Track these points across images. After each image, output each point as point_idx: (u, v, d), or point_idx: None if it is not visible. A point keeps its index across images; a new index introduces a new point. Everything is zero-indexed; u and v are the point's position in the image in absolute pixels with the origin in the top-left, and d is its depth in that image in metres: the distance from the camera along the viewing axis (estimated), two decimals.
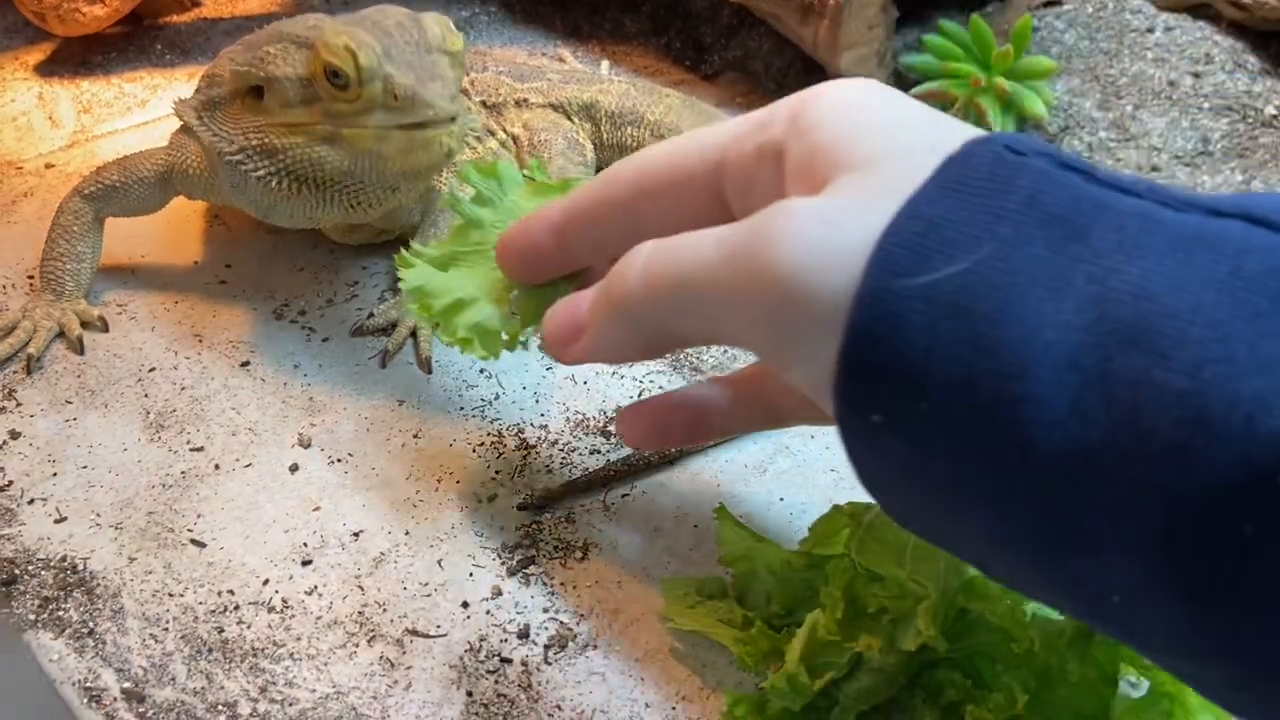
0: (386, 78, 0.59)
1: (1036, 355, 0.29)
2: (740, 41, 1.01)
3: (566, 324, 0.44)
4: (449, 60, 0.62)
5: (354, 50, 0.59)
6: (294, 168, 0.65)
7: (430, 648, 0.53)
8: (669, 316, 0.39)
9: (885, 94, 0.38)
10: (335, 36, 0.60)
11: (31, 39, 1.04)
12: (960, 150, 0.34)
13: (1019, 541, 0.32)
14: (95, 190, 0.72)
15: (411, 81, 0.59)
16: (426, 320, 0.53)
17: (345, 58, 0.59)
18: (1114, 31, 0.94)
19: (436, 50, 0.61)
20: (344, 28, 0.61)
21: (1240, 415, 0.26)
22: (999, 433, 0.30)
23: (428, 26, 0.62)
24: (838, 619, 0.47)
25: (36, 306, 0.72)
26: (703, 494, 0.61)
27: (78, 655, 0.53)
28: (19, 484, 0.62)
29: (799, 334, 0.34)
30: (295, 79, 0.62)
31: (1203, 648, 0.29)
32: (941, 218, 0.32)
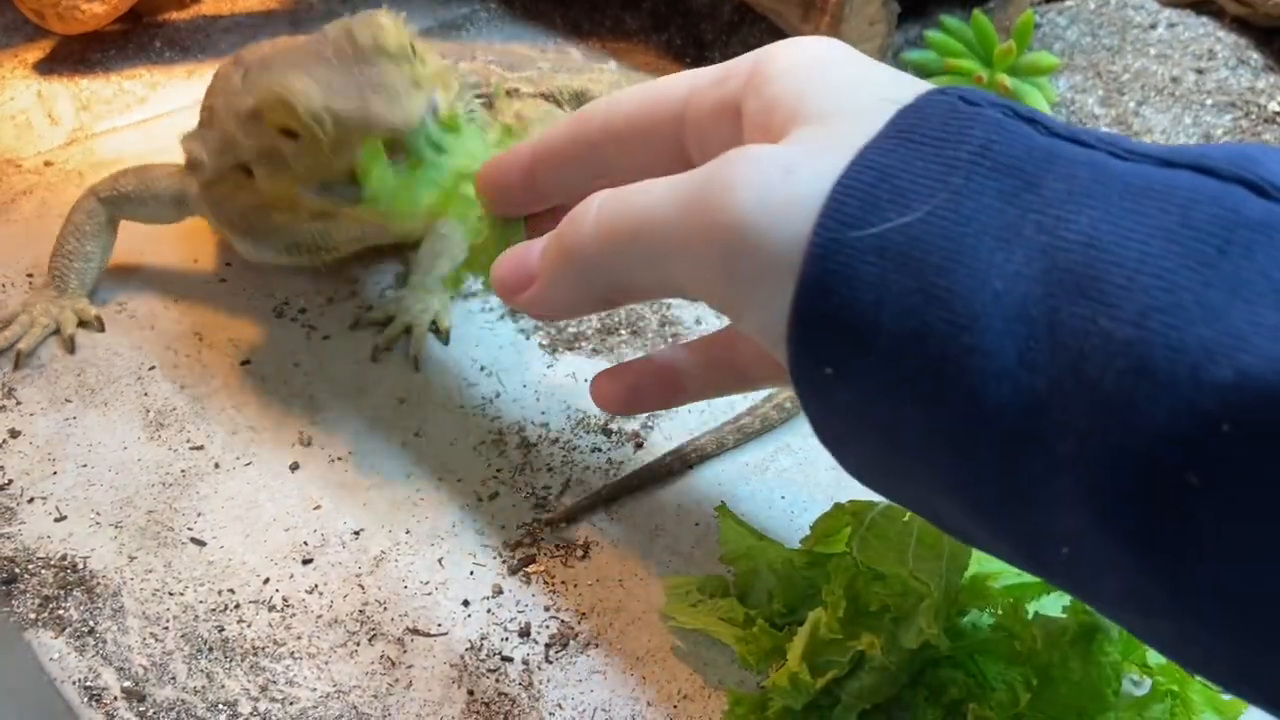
0: (332, 113, 0.55)
1: (986, 305, 0.29)
2: (741, 38, 1.01)
3: (514, 269, 0.43)
4: (392, 61, 0.56)
5: (292, 105, 0.55)
6: (301, 241, 0.67)
7: (431, 646, 0.53)
8: (621, 266, 0.38)
9: (846, 52, 0.38)
10: (268, 96, 0.56)
11: (30, 36, 1.04)
12: (914, 101, 0.33)
13: (969, 492, 0.32)
14: (111, 195, 0.72)
15: (353, 108, 0.54)
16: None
17: (288, 116, 0.55)
18: (1116, 27, 0.94)
19: (375, 56, 0.56)
20: (273, 82, 0.56)
21: (1186, 364, 0.26)
22: (949, 383, 0.30)
23: (358, 36, 0.57)
24: (839, 617, 0.47)
25: (37, 302, 0.71)
26: (704, 493, 0.61)
27: (78, 654, 0.53)
28: (19, 482, 0.62)
29: (752, 281, 0.33)
30: (262, 150, 0.59)
31: (1150, 600, 0.29)
32: (893, 167, 0.32)
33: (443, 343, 0.70)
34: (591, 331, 0.71)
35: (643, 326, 0.72)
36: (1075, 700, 0.47)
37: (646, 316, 0.73)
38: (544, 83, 0.84)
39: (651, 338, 0.71)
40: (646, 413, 0.61)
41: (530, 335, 0.71)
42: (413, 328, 0.70)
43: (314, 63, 0.57)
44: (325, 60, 0.57)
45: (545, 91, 0.84)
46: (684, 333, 0.71)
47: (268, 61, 0.62)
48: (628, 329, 0.72)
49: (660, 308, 0.73)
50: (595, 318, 0.72)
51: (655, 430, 0.65)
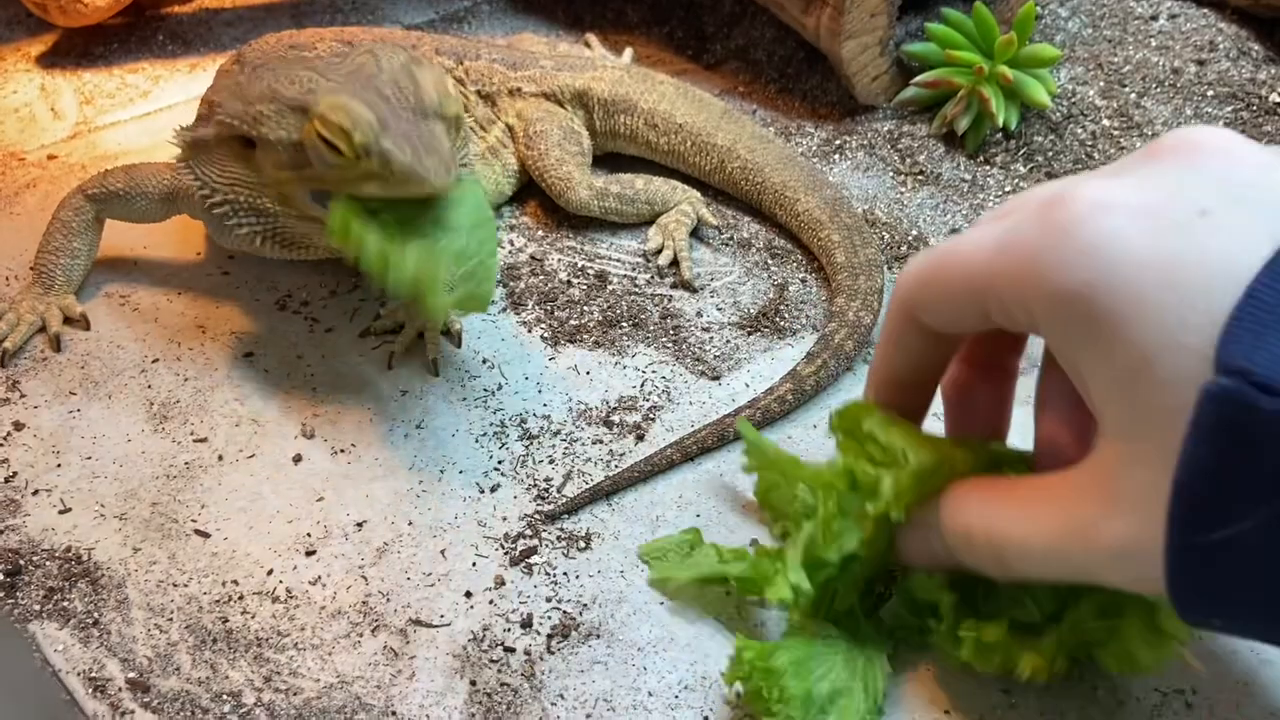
0: (383, 153, 0.57)
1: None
2: (743, 30, 1.01)
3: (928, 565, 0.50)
4: (445, 126, 0.59)
5: (349, 130, 0.56)
6: (281, 232, 0.66)
7: (434, 637, 0.54)
8: (1014, 573, 0.44)
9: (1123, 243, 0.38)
10: (331, 111, 0.57)
11: (33, 30, 1.04)
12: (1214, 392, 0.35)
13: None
14: (99, 193, 0.72)
15: (408, 159, 0.56)
16: None
17: (340, 136, 0.57)
18: (1117, 19, 0.94)
19: (433, 116, 0.59)
20: (339, 98, 0.58)
21: None
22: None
23: (424, 89, 0.59)
24: (832, 529, 0.48)
25: (23, 299, 0.72)
26: (704, 484, 0.61)
27: (83, 645, 0.53)
28: (23, 475, 0.62)
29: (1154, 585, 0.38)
30: (288, 143, 0.60)
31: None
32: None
33: (454, 345, 0.70)
34: (594, 324, 0.72)
35: (644, 319, 0.72)
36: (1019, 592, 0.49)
37: (648, 310, 0.73)
38: (546, 82, 0.84)
39: (653, 330, 0.71)
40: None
41: (532, 328, 0.72)
42: (425, 333, 0.70)
43: (374, 96, 0.58)
44: (385, 99, 0.58)
45: (547, 91, 0.84)
46: (684, 325, 0.72)
47: (314, 65, 0.62)
48: (629, 321, 0.72)
49: (661, 301, 0.74)
50: (597, 310, 0.73)
51: (656, 422, 0.65)
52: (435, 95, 0.59)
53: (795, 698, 0.47)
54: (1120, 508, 0.38)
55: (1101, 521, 0.38)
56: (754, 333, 0.71)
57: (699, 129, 0.82)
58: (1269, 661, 0.51)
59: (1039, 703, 0.50)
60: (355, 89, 0.59)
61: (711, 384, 0.67)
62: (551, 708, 0.50)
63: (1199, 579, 0.36)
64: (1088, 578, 0.41)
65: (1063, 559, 0.41)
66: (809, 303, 0.74)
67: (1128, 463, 0.38)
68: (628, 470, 0.61)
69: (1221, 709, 0.49)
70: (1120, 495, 0.38)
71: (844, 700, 0.48)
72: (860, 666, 0.49)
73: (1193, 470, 0.35)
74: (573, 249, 0.79)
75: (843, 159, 0.86)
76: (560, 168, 0.80)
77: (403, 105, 0.58)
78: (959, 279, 0.43)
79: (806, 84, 0.95)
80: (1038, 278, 0.39)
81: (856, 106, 0.91)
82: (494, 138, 0.82)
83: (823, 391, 0.66)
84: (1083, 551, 0.40)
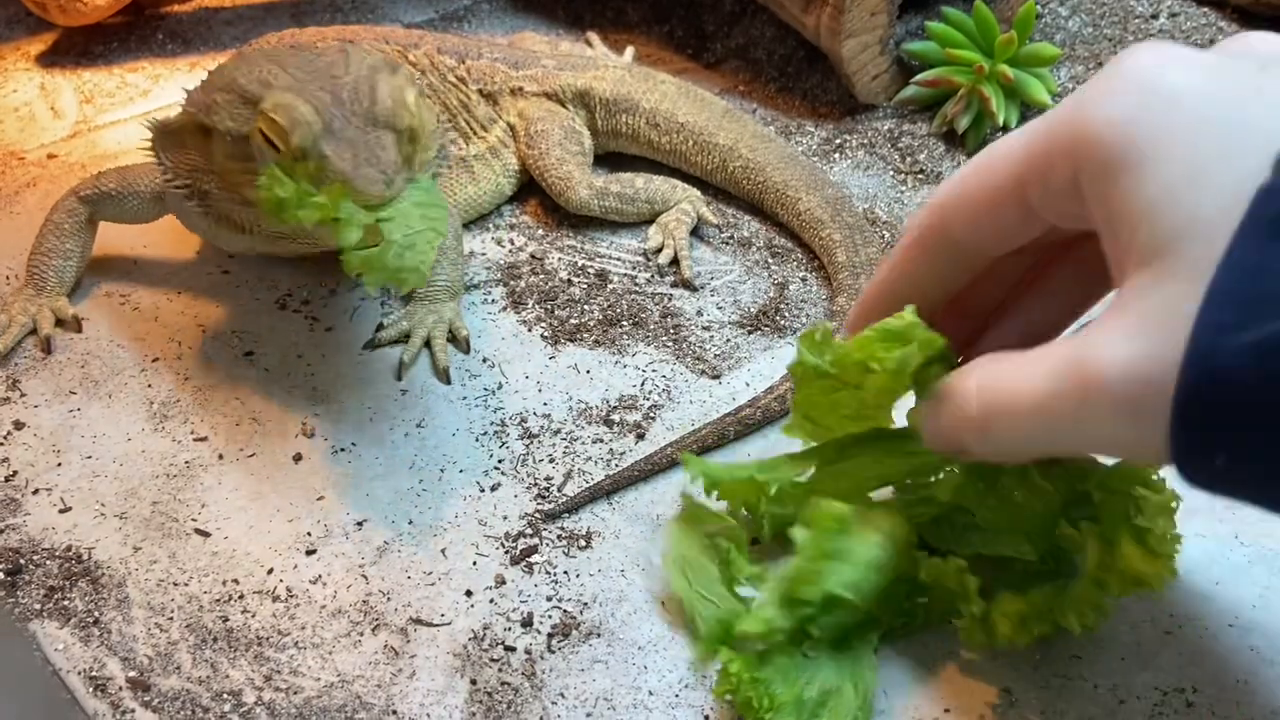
0: (320, 156, 0.57)
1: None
2: (743, 29, 1.01)
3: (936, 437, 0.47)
4: (395, 138, 0.58)
5: (288, 130, 0.57)
6: (228, 215, 0.67)
7: (434, 636, 0.54)
8: (1007, 439, 0.42)
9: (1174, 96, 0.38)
10: (274, 109, 0.57)
11: (33, 29, 1.04)
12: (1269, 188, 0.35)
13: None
14: (92, 194, 0.72)
15: (344, 166, 0.56)
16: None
17: (279, 134, 0.57)
18: (1118, 17, 0.94)
19: (384, 125, 0.58)
20: (285, 97, 0.58)
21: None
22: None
23: (379, 97, 0.59)
24: (814, 569, 0.49)
25: (15, 301, 0.72)
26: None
27: (83, 644, 0.53)
28: (24, 474, 0.62)
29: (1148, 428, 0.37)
30: (237, 135, 0.60)
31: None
32: (1266, 268, 0.34)
33: (462, 351, 0.70)
34: (594, 323, 0.72)
35: (645, 318, 0.72)
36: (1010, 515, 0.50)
37: (649, 308, 0.73)
38: (548, 81, 0.84)
39: (654, 328, 0.71)
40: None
41: (532, 327, 0.72)
42: (431, 341, 0.70)
43: (328, 97, 0.58)
44: (339, 100, 0.58)
45: (548, 90, 0.84)
46: (685, 324, 0.72)
47: (285, 58, 0.62)
48: (630, 320, 0.72)
49: (662, 300, 0.74)
50: (598, 309, 0.73)
51: (656, 421, 0.65)
52: (390, 105, 0.59)
53: (786, 704, 0.47)
54: (1135, 330, 0.37)
55: (1107, 349, 0.37)
56: (754, 332, 0.71)
57: (701, 128, 0.82)
58: (1269, 660, 0.51)
59: (1039, 700, 0.50)
60: (312, 89, 0.59)
61: (712, 383, 0.67)
62: (552, 707, 0.50)
63: (1210, 406, 0.35)
64: (1071, 437, 0.40)
65: (1047, 412, 0.39)
66: (810, 302, 0.74)
67: (1154, 285, 0.37)
68: (628, 469, 0.61)
69: (1222, 708, 0.49)
70: (1139, 318, 0.37)
71: (834, 700, 0.48)
72: (848, 665, 0.49)
73: (1235, 268, 0.34)
74: (573, 248, 0.79)
75: (843, 158, 0.86)
76: (561, 167, 0.80)
77: (355, 111, 0.58)
78: (1001, 161, 0.43)
79: (807, 83, 0.94)
80: (1088, 112, 0.39)
81: (857, 105, 0.91)
82: (495, 137, 0.82)
83: None
84: (1074, 393, 0.38)
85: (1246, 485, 0.37)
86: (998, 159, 0.43)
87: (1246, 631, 0.52)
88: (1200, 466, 0.36)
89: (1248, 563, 0.55)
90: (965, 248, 0.46)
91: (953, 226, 0.45)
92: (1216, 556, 0.56)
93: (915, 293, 0.47)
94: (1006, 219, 0.43)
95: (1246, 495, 0.37)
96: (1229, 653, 0.51)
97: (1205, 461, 0.36)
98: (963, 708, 0.50)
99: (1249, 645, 0.52)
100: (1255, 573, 0.55)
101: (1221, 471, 0.36)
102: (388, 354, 0.70)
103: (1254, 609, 0.53)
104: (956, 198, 0.45)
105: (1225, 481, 0.36)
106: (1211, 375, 0.34)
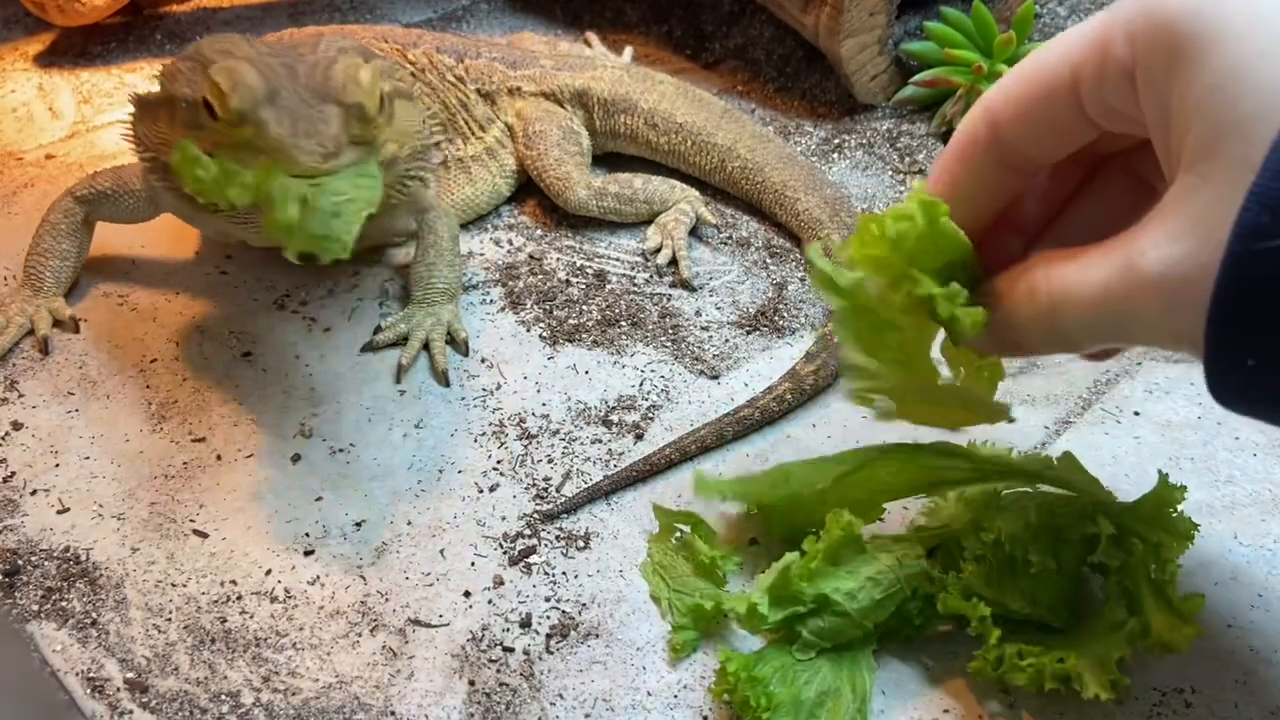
0: (258, 121, 0.56)
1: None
2: (741, 29, 1.01)
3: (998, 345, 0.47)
4: (340, 113, 0.57)
5: (226, 91, 0.56)
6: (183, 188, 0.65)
7: (432, 637, 0.53)
8: (1069, 333, 0.43)
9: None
10: (218, 72, 0.57)
11: (31, 29, 1.04)
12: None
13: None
14: (88, 194, 0.72)
15: (282, 132, 0.56)
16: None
17: (217, 96, 0.56)
18: None
19: (331, 100, 0.57)
20: (231, 62, 0.57)
21: None
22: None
23: (333, 73, 0.58)
24: (811, 569, 0.49)
25: (12, 302, 0.72)
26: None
27: (81, 645, 0.53)
28: (22, 475, 0.62)
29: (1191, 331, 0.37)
30: (190, 100, 0.59)
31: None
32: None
33: (461, 354, 0.70)
34: (592, 324, 0.72)
35: (643, 318, 0.72)
36: (1031, 590, 0.50)
37: (647, 309, 0.73)
38: (545, 81, 0.84)
39: (652, 329, 0.71)
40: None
41: (531, 328, 0.72)
42: (430, 344, 0.70)
43: (284, 71, 0.58)
44: (294, 74, 0.58)
45: (546, 90, 0.84)
46: (683, 324, 0.72)
47: (260, 40, 0.61)
48: (628, 320, 0.72)
49: (660, 300, 0.74)
50: (596, 310, 0.73)
51: (655, 422, 0.65)
52: (340, 80, 0.58)
53: (783, 703, 0.47)
54: (1178, 232, 0.37)
55: (1152, 250, 0.38)
56: (753, 332, 0.71)
57: (699, 128, 0.82)
58: (1268, 661, 0.51)
59: (1037, 702, 0.50)
60: (269, 60, 0.58)
61: (710, 383, 0.67)
62: (550, 707, 0.50)
63: (1243, 307, 0.35)
64: (1123, 327, 0.40)
65: (1105, 304, 0.40)
66: (808, 302, 0.74)
67: (1198, 186, 0.37)
68: (627, 470, 0.61)
69: (1220, 708, 0.49)
70: (1182, 218, 0.37)
71: (832, 702, 0.48)
72: (846, 666, 0.49)
73: (1273, 171, 0.35)
74: (571, 248, 0.79)
75: (842, 158, 0.86)
76: (559, 167, 0.80)
77: (307, 86, 0.57)
78: (1055, 54, 0.42)
79: (805, 83, 0.94)
80: (1144, 9, 0.39)
81: (855, 105, 0.91)
82: (493, 137, 0.82)
83: (821, 391, 0.66)
84: (1124, 289, 0.39)
85: (1272, 394, 0.37)
86: (1051, 52, 0.42)
87: (1245, 632, 0.52)
88: (1231, 367, 0.37)
89: (1246, 563, 0.55)
90: (1013, 151, 0.45)
91: (1002, 127, 0.44)
92: (1215, 558, 0.56)
93: (960, 206, 0.45)
94: (1058, 116, 0.43)
95: (1270, 408, 0.38)
96: (1227, 653, 0.51)
97: (1236, 363, 0.36)
98: (961, 709, 0.50)
99: (1248, 646, 0.52)
100: (1254, 573, 0.55)
101: (1251, 376, 0.37)
102: (386, 354, 0.70)
103: (1252, 609, 0.53)
104: (1006, 96, 0.44)
105: (1253, 390, 0.37)
106: (1246, 279, 0.35)
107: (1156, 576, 0.49)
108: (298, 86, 0.57)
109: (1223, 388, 0.38)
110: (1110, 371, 0.67)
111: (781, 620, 0.49)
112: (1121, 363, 0.68)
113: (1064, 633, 0.50)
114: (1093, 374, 0.67)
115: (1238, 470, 0.60)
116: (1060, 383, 0.67)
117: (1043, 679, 0.48)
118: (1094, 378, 0.67)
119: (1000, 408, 0.49)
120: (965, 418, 0.50)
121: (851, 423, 0.64)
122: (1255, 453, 0.61)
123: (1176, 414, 0.64)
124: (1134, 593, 0.49)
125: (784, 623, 0.49)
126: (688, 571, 0.55)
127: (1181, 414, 0.64)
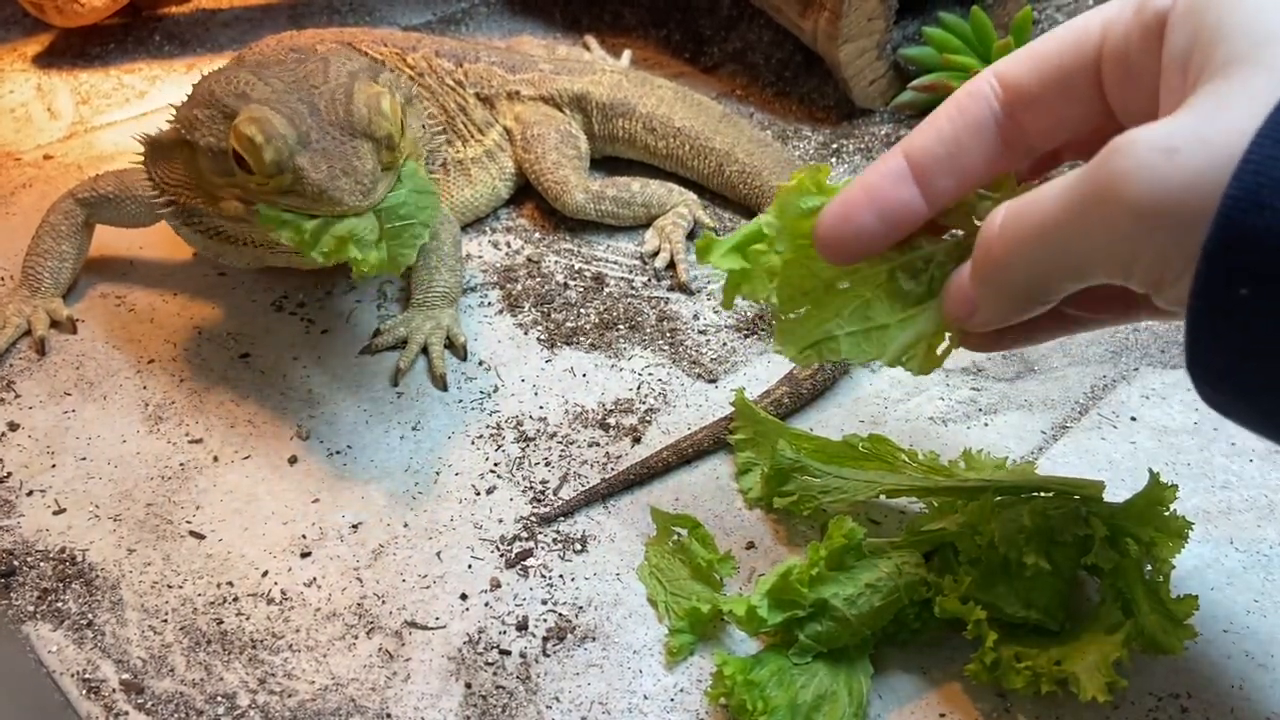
0: (296, 169, 0.57)
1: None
2: (740, 34, 1.01)
3: (959, 300, 0.44)
4: (371, 147, 0.58)
5: (260, 145, 0.56)
6: (215, 230, 0.67)
7: (429, 639, 0.53)
8: (1037, 272, 0.40)
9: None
10: (247, 124, 0.57)
11: (29, 30, 1.04)
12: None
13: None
14: (89, 197, 0.72)
15: (321, 178, 0.56)
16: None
17: (251, 150, 0.57)
18: None
19: (360, 135, 0.58)
20: (258, 110, 0.57)
21: None
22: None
23: (356, 107, 0.58)
24: (813, 574, 0.49)
25: (9, 302, 0.72)
26: (701, 487, 0.61)
27: (77, 646, 0.53)
28: (18, 475, 0.62)
29: (1170, 257, 0.34)
30: (217, 150, 0.59)
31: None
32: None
33: (459, 358, 0.70)
34: (590, 327, 0.72)
35: (641, 321, 0.72)
36: (1025, 593, 0.50)
37: (645, 312, 0.73)
38: (544, 85, 0.84)
39: (650, 332, 0.71)
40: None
41: (529, 330, 0.72)
42: (429, 348, 0.69)
43: (305, 107, 0.58)
44: (315, 110, 0.58)
45: (545, 94, 0.84)
46: (681, 328, 0.72)
47: (265, 68, 0.61)
48: (626, 324, 0.72)
49: (658, 304, 0.74)
50: (594, 313, 0.73)
51: (653, 425, 0.65)
52: (365, 113, 0.58)
53: (780, 707, 0.47)
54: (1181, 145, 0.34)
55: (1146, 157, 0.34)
56: (751, 335, 0.71)
57: (697, 132, 0.82)
58: (1264, 666, 0.51)
59: (1034, 707, 0.50)
60: (288, 99, 0.58)
61: (708, 387, 0.67)
62: (547, 710, 0.50)
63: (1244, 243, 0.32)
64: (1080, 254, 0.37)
65: (1063, 227, 0.37)
66: None
67: (1215, 105, 0.34)
68: (624, 473, 0.61)
69: (1217, 713, 0.49)
70: (1190, 133, 0.34)
71: (829, 705, 0.48)
72: (842, 669, 0.49)
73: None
74: (569, 251, 0.79)
75: (840, 162, 0.87)
76: (557, 171, 0.80)
77: (332, 121, 0.58)
78: (1088, 18, 0.40)
79: (804, 87, 0.95)
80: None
81: (854, 110, 0.91)
82: (491, 141, 0.82)
83: (819, 395, 0.66)
84: (1093, 204, 0.36)
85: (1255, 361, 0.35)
86: (1082, 17, 0.41)
87: (1241, 637, 0.52)
88: (1216, 310, 0.34)
89: (1242, 569, 0.55)
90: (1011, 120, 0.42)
91: (1010, 85, 0.42)
92: (1211, 562, 0.56)
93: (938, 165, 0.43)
94: (1072, 79, 0.41)
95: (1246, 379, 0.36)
96: (1224, 658, 0.51)
97: (1223, 304, 0.34)
98: (958, 712, 0.50)
99: (1244, 651, 0.52)
100: (1249, 578, 0.55)
101: (1238, 311, 0.34)
102: (383, 356, 0.70)
103: (1248, 615, 0.53)
104: (1023, 55, 0.42)
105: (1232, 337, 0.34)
106: (1257, 211, 0.32)
107: (1150, 577, 0.49)
108: (323, 123, 0.58)
109: (1201, 357, 0.35)
110: (1107, 377, 0.67)
111: (780, 623, 0.49)
112: (1118, 368, 0.68)
113: (1060, 635, 0.50)
114: (1089, 379, 0.67)
115: (1234, 476, 0.60)
116: (1057, 388, 0.67)
117: (1039, 682, 0.48)
118: (1090, 383, 0.67)
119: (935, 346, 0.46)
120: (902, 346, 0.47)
121: (848, 428, 0.64)
122: (1252, 458, 0.61)
123: (1173, 419, 0.64)
124: (1128, 594, 0.49)
125: (783, 626, 0.49)
126: (684, 575, 0.55)
127: (1178, 419, 0.64)
